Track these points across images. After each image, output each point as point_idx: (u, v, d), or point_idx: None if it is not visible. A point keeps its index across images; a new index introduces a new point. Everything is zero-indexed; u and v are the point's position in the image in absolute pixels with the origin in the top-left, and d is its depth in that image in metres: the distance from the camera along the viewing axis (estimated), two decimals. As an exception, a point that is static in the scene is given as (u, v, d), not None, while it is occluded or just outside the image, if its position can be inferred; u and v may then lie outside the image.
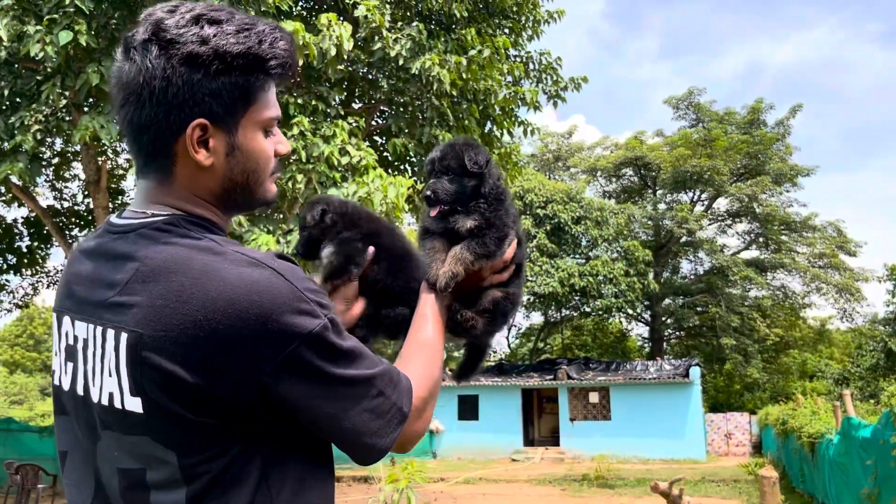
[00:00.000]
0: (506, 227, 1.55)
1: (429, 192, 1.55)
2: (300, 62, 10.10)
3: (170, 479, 1.07)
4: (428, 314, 1.46)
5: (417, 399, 1.25)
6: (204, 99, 1.13)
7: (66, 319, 1.18)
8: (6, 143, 10.50)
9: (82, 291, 1.16)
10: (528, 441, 29.80)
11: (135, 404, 1.06)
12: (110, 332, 1.08)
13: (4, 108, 11.03)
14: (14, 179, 11.32)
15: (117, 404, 1.08)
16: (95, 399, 1.12)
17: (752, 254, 40.57)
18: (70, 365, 1.17)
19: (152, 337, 1.04)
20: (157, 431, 1.07)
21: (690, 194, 41.14)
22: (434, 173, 1.58)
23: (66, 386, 1.19)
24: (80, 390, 1.15)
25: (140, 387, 1.05)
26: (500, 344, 45.05)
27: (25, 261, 17.88)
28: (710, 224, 40.97)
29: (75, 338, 1.15)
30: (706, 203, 41.35)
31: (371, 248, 1.59)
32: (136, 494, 1.08)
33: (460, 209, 1.55)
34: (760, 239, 40.09)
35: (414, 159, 13.72)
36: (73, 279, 1.19)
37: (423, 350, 1.39)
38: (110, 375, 1.08)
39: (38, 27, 9.23)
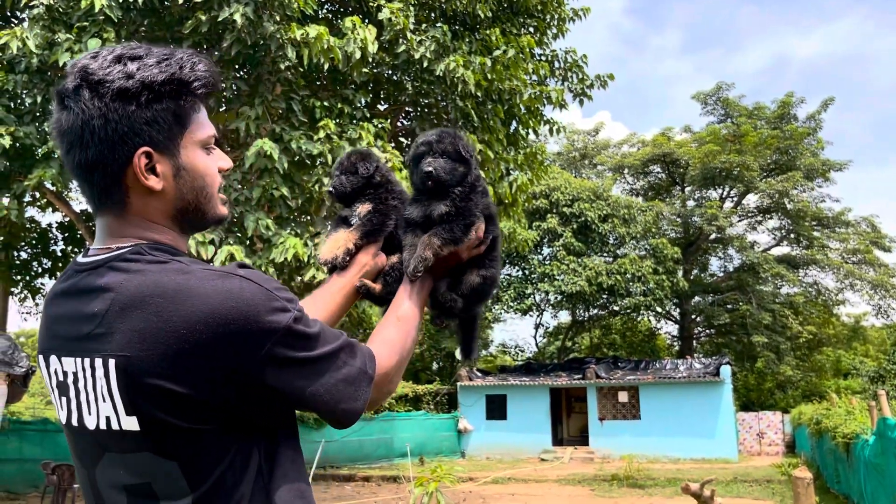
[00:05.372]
0: (472, 214, 1.68)
1: (430, 169, 1.66)
2: (325, 65, 10.17)
3: (175, 488, 1.15)
4: (407, 291, 1.61)
5: (386, 365, 1.39)
6: (142, 128, 1.22)
7: (53, 358, 1.25)
8: (39, 150, 10.69)
9: (64, 330, 1.23)
10: (557, 441, 29.68)
11: (131, 423, 1.14)
12: (98, 361, 1.15)
13: (37, 114, 11.24)
14: (48, 185, 11.54)
15: (114, 426, 1.16)
16: (92, 426, 1.19)
17: (783, 250, 40.02)
18: (64, 399, 1.24)
19: (140, 357, 1.11)
20: (156, 445, 1.15)
21: (720, 191, 40.66)
22: (432, 154, 1.69)
23: (63, 420, 1.27)
24: (75, 421, 1.23)
25: (135, 405, 1.13)
26: (528, 343, 44.94)
27: (60, 265, 18.19)
28: (739, 221, 40.43)
29: (65, 373, 1.22)
30: (736, 199, 40.83)
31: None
32: None
33: (437, 196, 1.69)
34: (792, 235, 39.50)
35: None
36: (53, 321, 1.27)
37: (398, 322, 1.53)
38: (104, 401, 1.16)
39: (68, 36, 9.39)
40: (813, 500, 11.41)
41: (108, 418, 1.16)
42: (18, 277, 17.73)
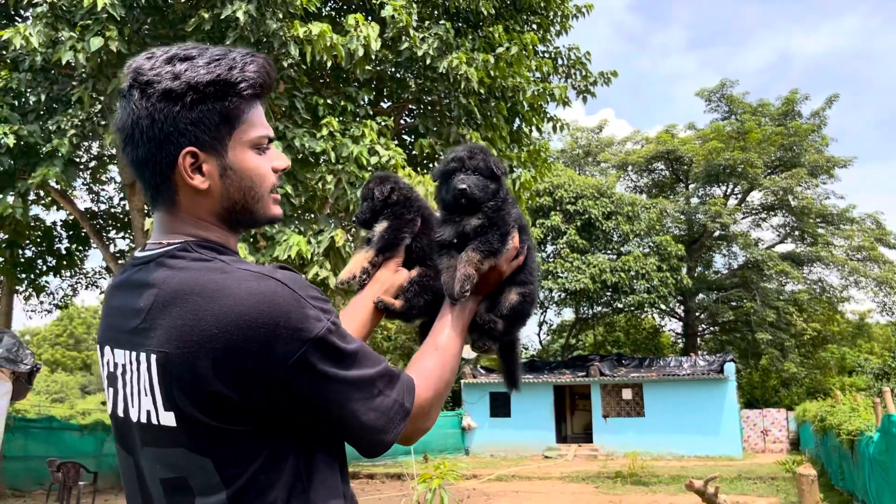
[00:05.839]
0: (506, 224, 1.64)
1: (463, 186, 1.62)
2: (328, 63, 10.17)
3: (209, 484, 1.16)
4: (447, 319, 1.56)
5: (423, 398, 1.35)
6: (188, 128, 1.24)
7: (108, 349, 1.29)
8: (43, 148, 10.72)
9: (116, 322, 1.28)
10: (561, 438, 29.68)
11: (169, 419, 1.16)
12: (142, 356, 1.19)
13: (41, 113, 11.27)
14: (52, 183, 11.56)
15: (154, 420, 1.18)
16: (134, 419, 1.23)
17: (787, 247, 39.93)
18: (111, 391, 1.29)
19: (176, 354, 1.13)
20: (191, 442, 1.16)
21: (724, 188, 40.58)
22: (464, 170, 1.66)
23: (110, 410, 1.31)
24: (121, 413, 1.27)
25: (172, 401, 1.15)
26: (532, 341, 44.96)
27: (64, 262, 18.27)
28: (743, 218, 40.34)
29: (115, 364, 1.27)
30: (740, 196, 40.76)
31: (419, 221, 1.81)
32: (180, 500, 1.18)
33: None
34: (796, 232, 39.40)
35: (441, 158, 13.74)
36: (110, 312, 1.32)
37: (437, 352, 1.48)
38: (146, 395, 1.19)
39: (71, 34, 9.41)
40: (817, 496, 11.39)
41: (148, 412, 1.19)
42: (23, 275, 17.79)
